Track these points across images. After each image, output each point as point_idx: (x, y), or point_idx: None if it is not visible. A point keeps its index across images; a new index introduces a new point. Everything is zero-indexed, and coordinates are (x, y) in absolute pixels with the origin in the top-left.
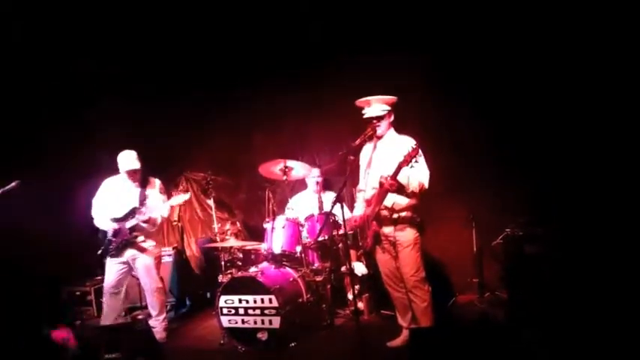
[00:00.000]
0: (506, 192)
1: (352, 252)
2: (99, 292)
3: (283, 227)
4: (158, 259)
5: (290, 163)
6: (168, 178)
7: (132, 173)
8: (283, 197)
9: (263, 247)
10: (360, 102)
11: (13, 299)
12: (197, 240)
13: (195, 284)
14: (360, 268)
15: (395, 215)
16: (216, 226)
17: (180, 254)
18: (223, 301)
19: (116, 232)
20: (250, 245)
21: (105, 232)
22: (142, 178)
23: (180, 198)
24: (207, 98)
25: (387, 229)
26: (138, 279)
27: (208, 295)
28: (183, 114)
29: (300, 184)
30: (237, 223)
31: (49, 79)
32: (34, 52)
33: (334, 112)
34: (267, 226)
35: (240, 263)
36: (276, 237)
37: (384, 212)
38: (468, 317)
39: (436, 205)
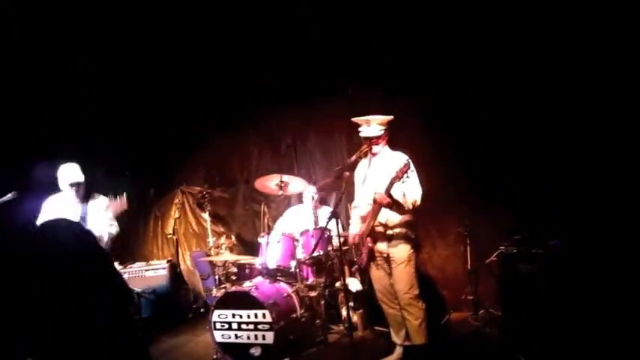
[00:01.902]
0: (501, 209)
1: (346, 267)
2: None
3: (278, 242)
4: None
5: (286, 178)
6: (164, 191)
7: (76, 187)
8: (279, 212)
9: (257, 261)
10: (358, 120)
11: None
12: (191, 253)
13: (188, 298)
14: (354, 284)
15: (389, 231)
16: (211, 239)
17: (174, 267)
18: (217, 315)
19: None
20: (245, 260)
21: None
22: (86, 193)
23: (119, 205)
24: (204, 112)
25: (381, 246)
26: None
27: (202, 310)
28: (181, 127)
29: (296, 199)
30: (232, 237)
31: (49, 82)
32: (35, 52)
33: (330, 128)
34: (262, 240)
35: (234, 277)
36: (271, 252)
37: (379, 228)
38: (462, 334)
39: (431, 222)
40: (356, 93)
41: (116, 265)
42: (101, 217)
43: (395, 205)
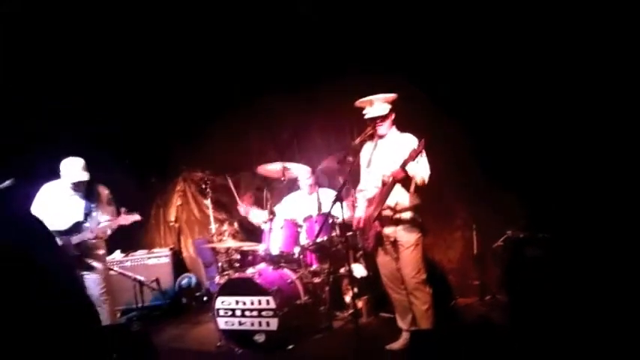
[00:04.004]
0: (508, 194)
1: (351, 253)
2: None
3: (281, 228)
4: (107, 270)
5: (288, 165)
6: (166, 178)
7: (78, 185)
8: (281, 198)
9: (261, 248)
10: (361, 102)
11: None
12: (194, 241)
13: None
14: (359, 270)
15: (397, 215)
16: (213, 226)
17: (176, 255)
18: (220, 302)
19: None
20: (248, 246)
21: None
22: (88, 187)
23: (129, 218)
24: (206, 99)
25: (389, 230)
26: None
27: (205, 298)
28: (182, 114)
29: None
30: (235, 223)
31: (48, 69)
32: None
33: (333, 112)
34: (265, 226)
35: (237, 264)
36: (274, 238)
37: (386, 212)
38: (469, 320)
39: (437, 206)
40: None
41: (118, 252)
42: (104, 213)
43: (409, 181)
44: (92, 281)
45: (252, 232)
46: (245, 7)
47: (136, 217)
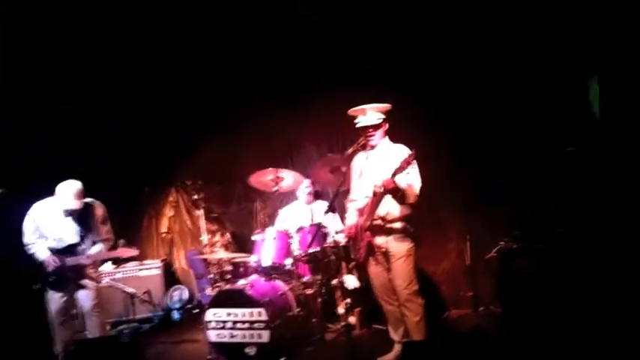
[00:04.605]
0: (501, 205)
1: (343, 264)
2: None
3: (273, 239)
4: (99, 283)
5: (281, 173)
6: (158, 188)
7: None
8: (274, 209)
9: (253, 259)
10: (353, 111)
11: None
12: (186, 252)
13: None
14: (351, 282)
15: (388, 225)
16: (205, 237)
17: (167, 267)
18: (211, 314)
19: (56, 268)
20: (240, 257)
21: (39, 262)
22: (83, 207)
23: (127, 252)
24: (199, 109)
25: (380, 240)
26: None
27: (196, 311)
28: (175, 124)
29: (291, 196)
30: (227, 234)
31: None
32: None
33: (325, 123)
34: (257, 238)
35: (229, 276)
36: (266, 249)
37: (377, 222)
38: (462, 331)
39: (430, 217)
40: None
41: (109, 264)
42: (99, 234)
43: (399, 192)
44: (84, 295)
45: (244, 244)
46: (242, 15)
47: (134, 251)
